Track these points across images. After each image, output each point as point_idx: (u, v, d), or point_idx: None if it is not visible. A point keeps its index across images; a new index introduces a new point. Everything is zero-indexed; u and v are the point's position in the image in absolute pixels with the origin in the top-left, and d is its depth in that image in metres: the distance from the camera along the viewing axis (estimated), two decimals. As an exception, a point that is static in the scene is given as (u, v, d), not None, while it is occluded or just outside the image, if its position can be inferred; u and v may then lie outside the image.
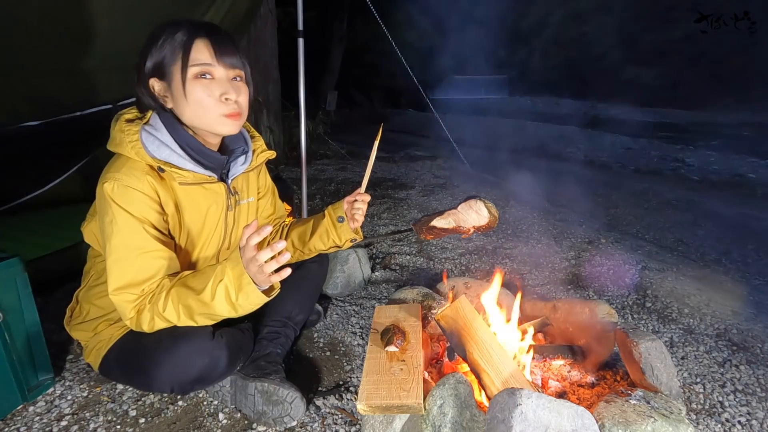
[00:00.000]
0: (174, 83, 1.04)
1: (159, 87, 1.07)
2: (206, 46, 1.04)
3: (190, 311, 1.04)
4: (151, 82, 1.06)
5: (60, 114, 2.27)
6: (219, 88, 1.05)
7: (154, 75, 1.06)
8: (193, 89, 1.04)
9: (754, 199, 4.07)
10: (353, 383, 1.42)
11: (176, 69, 1.03)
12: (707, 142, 6.56)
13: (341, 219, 1.33)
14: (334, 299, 1.97)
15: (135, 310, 1.05)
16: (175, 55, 1.03)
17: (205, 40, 1.04)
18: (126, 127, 1.07)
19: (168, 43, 1.03)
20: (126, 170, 1.04)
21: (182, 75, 1.02)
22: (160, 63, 1.04)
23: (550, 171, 4.66)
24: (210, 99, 1.05)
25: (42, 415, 1.25)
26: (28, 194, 2.43)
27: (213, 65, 1.04)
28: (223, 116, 1.07)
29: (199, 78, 1.04)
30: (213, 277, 1.01)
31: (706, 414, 1.32)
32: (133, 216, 1.03)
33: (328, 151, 5.63)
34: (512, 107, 11.14)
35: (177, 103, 1.07)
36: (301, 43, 2.49)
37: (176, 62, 1.03)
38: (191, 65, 1.02)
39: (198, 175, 1.13)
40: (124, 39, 2.07)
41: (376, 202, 3.51)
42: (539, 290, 2.11)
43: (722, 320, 1.86)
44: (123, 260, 1.03)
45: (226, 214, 1.25)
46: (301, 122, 2.60)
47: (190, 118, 1.08)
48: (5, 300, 1.19)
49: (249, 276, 0.98)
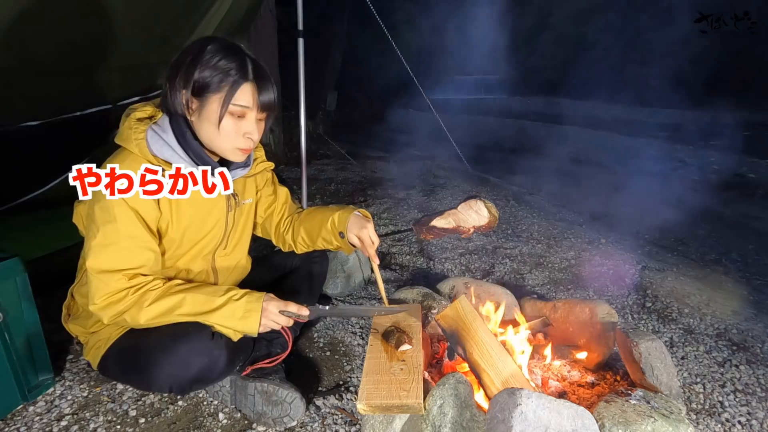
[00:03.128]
0: (208, 109, 1.07)
1: (190, 101, 1.09)
2: (251, 91, 1.08)
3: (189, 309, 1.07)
4: (183, 91, 1.08)
5: (60, 114, 2.26)
6: (247, 127, 1.11)
7: (191, 90, 1.07)
8: (226, 124, 1.08)
9: (754, 199, 4.07)
10: (353, 383, 1.42)
11: (215, 99, 1.06)
12: (707, 142, 6.55)
13: (342, 235, 1.33)
14: (335, 299, 1.97)
15: (112, 298, 1.05)
16: (219, 88, 1.06)
17: (251, 85, 1.08)
18: (135, 125, 1.11)
19: (216, 71, 1.05)
20: (128, 163, 1.07)
21: (221, 109, 1.06)
22: (201, 85, 1.06)
23: (550, 171, 4.65)
24: (235, 135, 1.10)
25: (42, 415, 1.25)
26: (28, 194, 2.43)
27: (251, 109, 1.10)
28: (238, 149, 1.13)
29: (235, 117, 1.09)
30: (233, 290, 1.13)
31: (706, 414, 1.33)
32: (128, 205, 1.06)
33: (328, 151, 5.62)
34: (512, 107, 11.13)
35: (201, 123, 1.10)
36: (301, 43, 2.49)
37: (218, 93, 1.06)
38: (233, 104, 1.07)
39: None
40: (125, 39, 2.07)
41: (376, 202, 3.51)
42: (539, 290, 2.12)
43: (722, 320, 1.86)
44: (114, 245, 1.05)
45: (227, 215, 1.26)
46: (301, 122, 2.60)
47: (207, 139, 1.12)
48: (5, 300, 1.19)
49: (261, 307, 1.11)
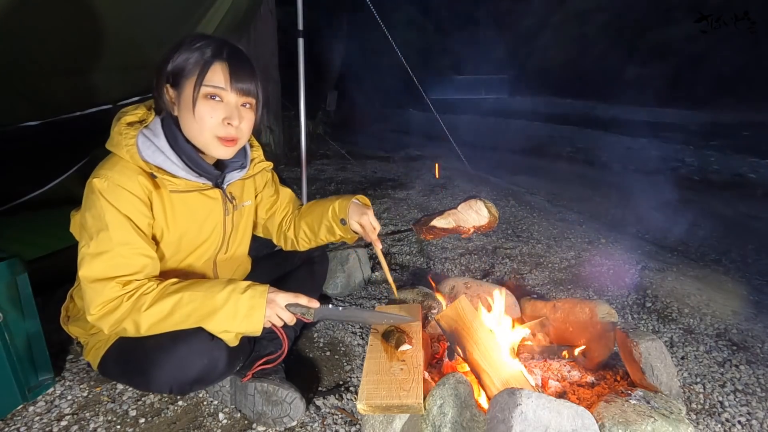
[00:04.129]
0: (184, 95, 1.07)
1: (172, 93, 1.10)
2: (223, 70, 1.06)
3: (188, 310, 1.04)
4: (166, 86, 1.09)
5: (60, 114, 2.27)
6: (224, 111, 1.07)
7: (169, 81, 1.08)
8: (200, 107, 1.06)
9: (754, 199, 4.07)
10: (353, 383, 1.42)
11: (190, 84, 1.05)
12: (707, 142, 6.55)
13: (343, 221, 1.33)
14: (335, 299, 1.97)
15: (107, 307, 1.03)
16: (192, 71, 1.05)
17: (223, 64, 1.06)
18: (125, 130, 1.09)
19: (189, 56, 1.05)
20: (119, 169, 1.06)
21: (194, 92, 1.05)
22: (177, 73, 1.06)
23: (550, 171, 4.66)
24: (212, 120, 1.07)
25: (42, 415, 1.25)
26: (28, 194, 2.43)
27: (225, 89, 1.06)
28: (217, 138, 1.09)
29: (208, 98, 1.06)
30: (233, 284, 1.07)
31: (706, 414, 1.32)
32: (120, 212, 1.04)
33: (328, 151, 5.62)
34: (512, 107, 11.13)
35: (182, 114, 1.09)
36: (301, 43, 2.49)
37: (191, 77, 1.05)
38: (204, 85, 1.05)
39: (191, 182, 1.14)
40: (125, 39, 2.07)
41: (376, 202, 3.51)
42: (539, 290, 2.11)
43: (722, 320, 1.86)
44: (107, 253, 1.03)
45: (225, 219, 1.25)
46: (301, 122, 2.60)
47: (189, 132, 1.10)
48: (5, 300, 1.19)
49: (265, 302, 1.07)
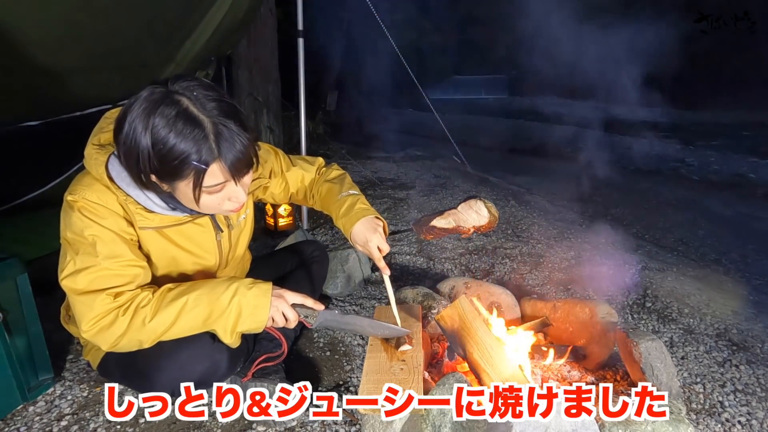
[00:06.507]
0: (180, 191, 0.97)
1: (159, 181, 0.97)
2: (221, 169, 0.94)
3: (193, 310, 1.02)
4: (150, 174, 0.94)
5: (60, 114, 2.27)
6: (229, 193, 1.00)
7: (154, 172, 0.93)
8: (205, 200, 0.98)
9: (754, 199, 4.07)
10: (353, 383, 1.42)
11: (184, 185, 0.94)
12: (707, 142, 6.56)
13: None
14: (334, 299, 1.97)
15: (101, 323, 0.98)
16: (185, 175, 0.92)
17: (219, 163, 0.93)
18: (95, 154, 0.99)
19: (174, 155, 0.89)
20: (98, 187, 0.99)
21: (194, 193, 0.95)
22: (163, 171, 0.92)
23: (550, 171, 4.66)
24: (218, 205, 1.01)
25: (42, 415, 1.25)
26: (28, 194, 2.44)
27: (228, 181, 0.97)
28: (227, 211, 1.06)
29: (211, 193, 0.97)
30: (236, 282, 1.04)
31: (706, 414, 1.32)
32: (104, 227, 0.99)
33: (328, 151, 5.62)
34: (512, 107, 11.14)
35: (176, 194, 0.99)
36: (301, 43, 2.49)
37: (185, 180, 0.93)
38: (205, 187, 0.94)
39: (166, 217, 1.06)
40: (125, 39, 2.07)
41: (376, 202, 3.50)
42: (539, 290, 2.12)
43: (722, 320, 1.86)
44: (93, 267, 0.98)
45: (219, 242, 1.21)
46: (301, 122, 2.60)
47: (187, 204, 1.01)
48: (5, 300, 1.19)
49: (269, 300, 1.03)
